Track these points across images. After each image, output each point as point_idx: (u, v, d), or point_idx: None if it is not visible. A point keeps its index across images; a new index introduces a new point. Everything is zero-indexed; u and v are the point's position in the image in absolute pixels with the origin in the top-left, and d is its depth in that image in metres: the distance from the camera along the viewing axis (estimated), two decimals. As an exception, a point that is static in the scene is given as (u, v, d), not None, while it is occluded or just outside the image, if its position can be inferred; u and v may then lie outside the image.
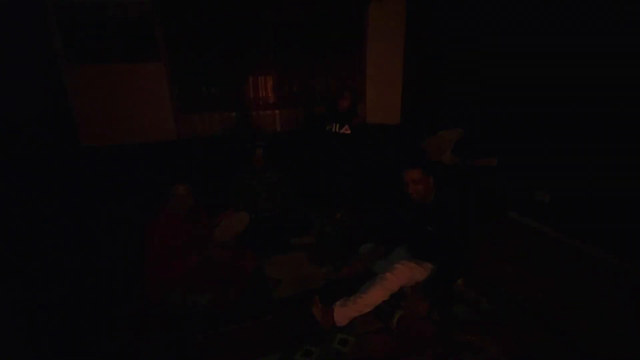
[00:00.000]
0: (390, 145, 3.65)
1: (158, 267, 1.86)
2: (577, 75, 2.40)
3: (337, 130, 3.16)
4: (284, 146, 3.35)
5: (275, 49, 3.53)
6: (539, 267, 2.31)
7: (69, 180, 2.80)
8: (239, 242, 2.22)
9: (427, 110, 4.01)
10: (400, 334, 1.71)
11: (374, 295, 1.73)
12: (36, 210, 2.32)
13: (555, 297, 1.99)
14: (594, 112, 2.34)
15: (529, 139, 2.82)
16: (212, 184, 2.79)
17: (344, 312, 1.72)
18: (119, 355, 1.63)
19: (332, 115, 3.18)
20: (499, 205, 3.09)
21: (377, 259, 2.09)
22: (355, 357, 1.59)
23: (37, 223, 2.29)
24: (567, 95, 2.50)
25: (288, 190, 2.80)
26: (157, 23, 3.11)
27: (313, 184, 3.23)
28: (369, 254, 2.13)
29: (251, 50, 3.47)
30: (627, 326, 1.76)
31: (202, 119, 3.47)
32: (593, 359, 1.56)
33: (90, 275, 2.23)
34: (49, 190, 2.54)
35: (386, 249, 2.11)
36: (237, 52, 3.41)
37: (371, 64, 3.92)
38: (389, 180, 2.93)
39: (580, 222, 2.51)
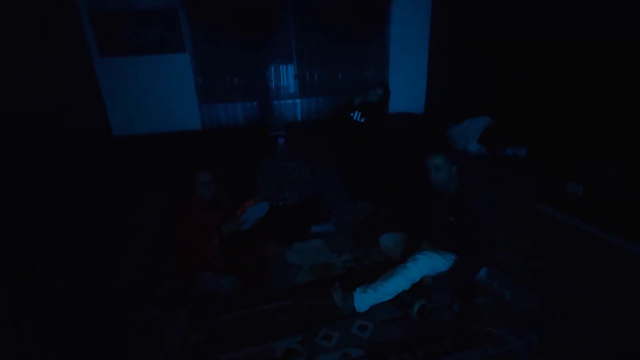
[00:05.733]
0: (413, 135, 3.58)
1: (186, 250, 1.95)
2: (614, 60, 2.25)
3: (357, 118, 3.13)
4: (305, 135, 3.35)
5: (296, 37, 3.52)
6: (567, 261, 2.22)
7: (103, 168, 2.95)
8: (261, 230, 2.28)
9: (452, 97, 3.88)
10: (420, 324, 1.72)
11: (395, 284, 1.74)
12: (72, 197, 2.48)
13: (582, 291, 1.92)
14: (632, 96, 2.19)
15: (561, 127, 2.68)
16: (235, 172, 2.86)
17: (363, 299, 1.74)
18: (148, 333, 1.74)
19: (360, 105, 3.14)
20: (527, 197, 2.98)
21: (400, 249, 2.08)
22: (373, 343, 1.62)
23: (73, 209, 2.45)
24: (603, 80, 2.34)
25: (309, 179, 2.82)
26: (182, 15, 3.18)
27: (339, 173, 3.24)
28: (393, 245, 2.13)
29: (273, 39, 3.48)
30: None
31: (226, 109, 3.55)
32: (617, 354, 1.50)
33: (123, 258, 2.37)
34: (84, 178, 2.70)
35: (411, 240, 2.09)
36: (259, 42, 3.44)
37: (395, 51, 3.83)
38: (412, 170, 2.89)
39: (615, 215, 2.38)
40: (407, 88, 3.98)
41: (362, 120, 3.09)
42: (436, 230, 1.98)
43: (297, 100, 3.73)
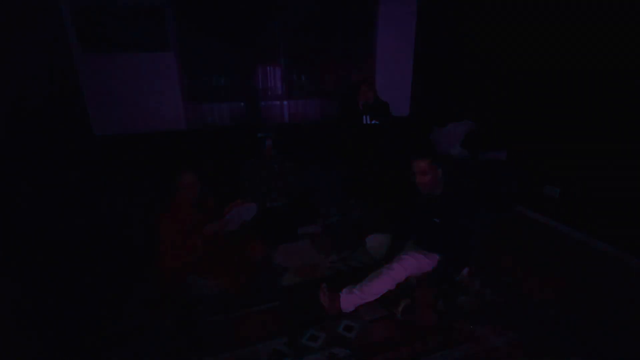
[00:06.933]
0: (398, 137, 3.64)
1: (169, 252, 1.92)
2: (593, 67, 2.36)
3: (369, 122, 3.14)
4: (292, 137, 3.36)
5: (284, 39, 3.53)
6: (545, 261, 2.31)
7: (83, 169, 2.87)
8: (247, 231, 2.27)
9: (436, 102, 3.98)
10: (405, 323, 1.75)
11: (380, 284, 1.76)
12: (51, 198, 2.39)
13: (560, 290, 2.00)
14: (607, 107, 2.30)
15: (540, 132, 2.79)
16: (221, 173, 2.84)
17: (350, 300, 1.76)
18: (132, 337, 1.70)
19: (360, 108, 3.14)
20: (507, 199, 3.08)
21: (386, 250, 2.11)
22: (359, 343, 1.63)
23: (53, 210, 2.37)
24: (580, 89, 2.45)
25: (296, 181, 2.82)
26: (167, 13, 3.14)
27: (330, 174, 3.25)
28: (379, 246, 2.16)
29: (260, 40, 3.47)
30: (630, 322, 1.76)
31: (212, 109, 3.51)
32: (595, 353, 1.57)
33: (106, 260, 2.31)
34: (64, 178, 2.61)
35: (395, 241, 2.13)
36: (246, 42, 3.42)
37: (381, 54, 3.89)
38: (397, 171, 2.94)
39: (590, 217, 2.50)
40: (392, 91, 4.04)
41: (374, 122, 3.11)
42: (421, 231, 2.02)
43: (285, 102, 3.73)
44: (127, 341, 1.67)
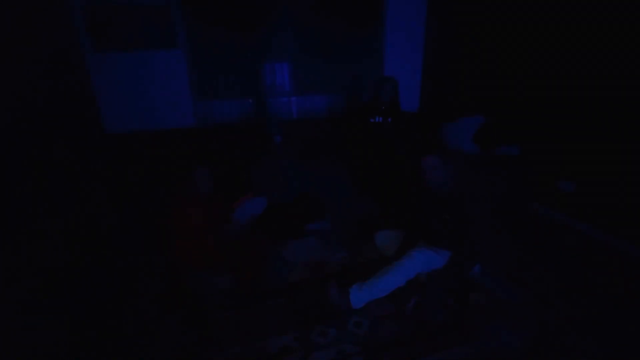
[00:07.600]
0: (407, 133, 3.59)
1: (180, 248, 1.93)
2: (606, 59, 2.28)
3: (380, 119, 3.08)
4: (301, 133, 3.35)
5: (292, 35, 3.51)
6: (558, 258, 2.26)
7: (94, 166, 2.91)
8: (256, 227, 2.27)
9: (447, 96, 3.91)
10: (415, 320, 1.73)
11: (391, 281, 1.74)
12: (62, 195, 2.43)
13: (574, 288, 1.95)
14: (623, 96, 2.23)
15: (554, 126, 2.72)
16: (230, 170, 2.84)
17: (359, 296, 1.74)
18: (143, 332, 1.72)
19: (376, 107, 3.02)
20: (520, 195, 3.02)
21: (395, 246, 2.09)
22: (369, 339, 1.62)
23: (63, 207, 2.41)
24: (596, 79, 2.38)
25: (304, 177, 2.82)
26: (176, 10, 3.15)
27: (338, 171, 3.21)
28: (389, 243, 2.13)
29: (268, 36, 3.46)
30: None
31: (221, 106, 3.52)
32: (610, 352, 1.53)
33: (116, 257, 2.34)
34: (74, 175, 2.65)
35: (408, 238, 2.10)
36: (254, 39, 3.42)
37: (390, 49, 3.84)
38: (407, 168, 2.90)
39: (606, 214, 2.42)
40: (401, 86, 3.97)
41: (381, 120, 3.02)
42: (432, 228, 1.99)
43: (293, 98, 3.72)
44: (136, 337, 1.69)
